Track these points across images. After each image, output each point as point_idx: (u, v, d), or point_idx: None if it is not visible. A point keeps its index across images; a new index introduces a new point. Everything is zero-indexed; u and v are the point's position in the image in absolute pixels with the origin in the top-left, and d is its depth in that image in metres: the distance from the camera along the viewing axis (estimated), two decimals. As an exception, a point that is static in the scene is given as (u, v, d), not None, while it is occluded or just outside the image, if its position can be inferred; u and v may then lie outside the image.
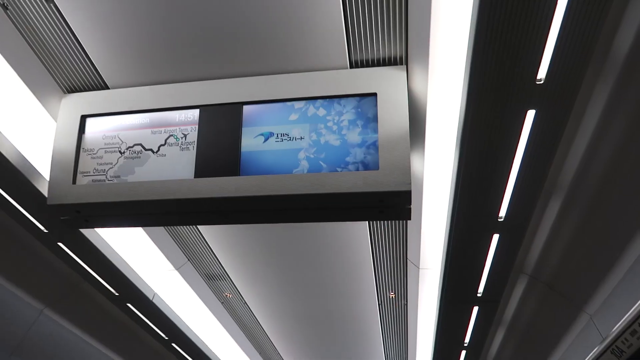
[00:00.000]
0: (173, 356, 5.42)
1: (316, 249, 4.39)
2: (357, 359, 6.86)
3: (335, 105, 2.48)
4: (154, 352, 5.28)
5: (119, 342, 4.89)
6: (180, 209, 2.55)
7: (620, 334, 1.59)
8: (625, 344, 1.58)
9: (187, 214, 2.62)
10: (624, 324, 1.58)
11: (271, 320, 5.78)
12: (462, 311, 3.97)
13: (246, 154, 2.48)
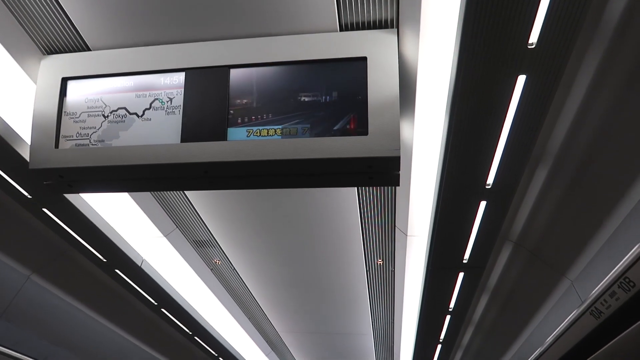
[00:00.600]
0: (163, 321, 5.48)
1: (305, 216, 4.40)
2: (344, 324, 7.02)
3: (324, 70, 2.43)
4: (144, 317, 5.34)
5: (108, 307, 4.92)
6: (166, 174, 2.51)
7: (600, 295, 1.63)
8: (604, 305, 1.61)
9: (173, 179, 2.58)
10: (604, 286, 1.61)
11: (260, 286, 5.85)
12: (447, 277, 4.04)
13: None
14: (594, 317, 1.69)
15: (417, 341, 5.80)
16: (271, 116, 2.41)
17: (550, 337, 2.19)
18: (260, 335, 7.39)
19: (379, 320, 6.53)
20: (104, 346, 5.19)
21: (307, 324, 7.12)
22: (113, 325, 5.19)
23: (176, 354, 6.52)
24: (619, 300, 1.53)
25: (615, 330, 1.63)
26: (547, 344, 2.24)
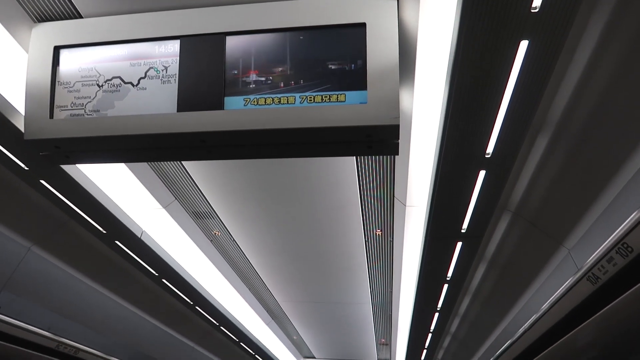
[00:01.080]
0: (164, 292, 5.55)
1: (304, 188, 4.40)
2: (343, 293, 7.12)
3: (321, 36, 2.38)
4: (145, 288, 5.40)
5: (109, 279, 4.97)
6: (163, 144, 2.49)
7: (597, 261, 1.64)
8: (601, 270, 1.62)
9: (170, 149, 2.56)
10: (602, 252, 1.62)
11: (260, 257, 5.91)
12: (446, 246, 4.07)
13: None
14: (591, 283, 1.71)
15: (415, 309, 5.91)
16: (268, 85, 2.37)
17: (545, 303, 2.22)
18: (260, 305, 7.52)
19: (378, 290, 6.63)
20: (107, 316, 5.27)
21: (307, 293, 7.23)
22: (115, 295, 5.26)
23: (178, 324, 6.64)
24: (616, 266, 1.54)
25: (611, 296, 1.65)
26: (543, 310, 2.27)
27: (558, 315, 2.08)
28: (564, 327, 2.11)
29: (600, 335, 1.86)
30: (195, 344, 7.35)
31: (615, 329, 1.73)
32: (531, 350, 2.57)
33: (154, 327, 6.14)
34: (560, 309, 2.03)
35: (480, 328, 5.98)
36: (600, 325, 1.78)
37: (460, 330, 6.69)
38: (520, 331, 2.64)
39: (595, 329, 1.84)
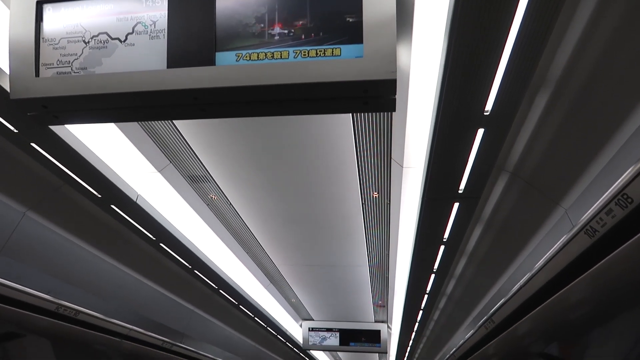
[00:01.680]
0: (163, 256, 5.58)
1: (300, 150, 4.35)
2: (340, 256, 7.19)
3: (316, -13, 2.27)
4: (144, 252, 5.42)
5: (107, 243, 4.97)
6: (154, 102, 2.42)
7: (596, 214, 1.61)
8: (600, 223, 1.60)
9: (162, 107, 2.49)
10: (601, 204, 1.60)
11: (257, 221, 5.92)
12: (442, 208, 4.06)
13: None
14: (588, 236, 1.69)
15: (412, 271, 5.97)
16: (261, 39, 2.29)
17: (541, 259, 2.21)
18: (258, 269, 7.60)
19: (375, 252, 6.69)
20: (106, 281, 5.31)
21: (304, 257, 7.29)
22: (114, 260, 5.28)
23: (178, 288, 6.71)
24: (614, 218, 1.52)
25: (608, 249, 1.63)
26: (539, 265, 2.27)
27: (554, 270, 2.08)
28: (560, 282, 2.12)
29: (597, 289, 1.86)
30: (195, 307, 7.46)
31: (612, 282, 1.72)
32: (527, 306, 2.59)
33: (153, 291, 6.21)
34: (556, 263, 2.03)
35: (476, 289, 6.07)
36: (598, 279, 1.78)
37: (456, 291, 6.81)
38: (516, 288, 2.66)
39: (592, 283, 1.84)
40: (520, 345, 3.21)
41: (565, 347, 3.03)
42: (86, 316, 3.98)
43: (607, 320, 2.23)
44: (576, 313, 2.23)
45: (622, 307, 1.99)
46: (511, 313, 2.87)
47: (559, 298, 2.21)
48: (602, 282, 1.82)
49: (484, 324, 3.55)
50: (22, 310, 3.42)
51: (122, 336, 4.52)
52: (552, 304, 2.27)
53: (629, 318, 2.10)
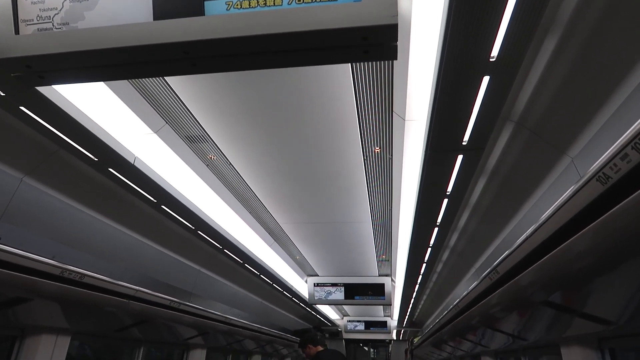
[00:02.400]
0: (165, 218, 5.57)
1: (299, 105, 4.23)
2: (343, 212, 7.20)
3: None
4: (146, 214, 5.41)
5: (108, 206, 4.95)
6: (141, 58, 2.29)
7: (610, 159, 1.53)
8: (614, 169, 1.53)
9: (151, 63, 2.36)
10: (616, 149, 1.51)
11: (258, 180, 5.87)
12: (446, 160, 3.99)
13: (210, -11, 2.16)
14: (601, 183, 1.62)
15: (415, 225, 5.98)
16: (252, -15, 2.14)
17: (550, 208, 2.16)
18: (262, 228, 7.64)
19: (377, 207, 6.68)
20: (110, 243, 5.33)
21: (307, 214, 7.30)
22: (116, 223, 5.28)
23: (182, 248, 6.76)
24: (630, 163, 1.44)
25: (621, 195, 1.56)
26: (547, 215, 2.21)
27: (562, 220, 2.02)
28: (568, 231, 2.06)
29: (606, 238, 1.81)
30: (201, 267, 7.55)
31: (623, 230, 1.67)
32: (532, 256, 2.56)
33: (158, 252, 6.26)
34: (565, 212, 1.97)
35: (479, 240, 6.09)
36: (608, 228, 1.72)
37: (459, 244, 6.84)
38: (522, 238, 2.62)
39: (601, 232, 1.78)
40: (523, 294, 3.22)
41: (569, 295, 3.03)
42: (92, 279, 3.99)
43: (613, 269, 2.20)
44: (583, 262, 2.19)
45: (631, 255, 1.95)
46: (516, 264, 2.85)
47: (566, 247, 2.17)
48: (612, 231, 1.76)
49: (489, 275, 3.55)
50: (27, 276, 3.42)
51: (129, 297, 4.57)
52: (559, 253, 2.23)
53: (635, 266, 2.07)
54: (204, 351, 8.38)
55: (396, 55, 2.20)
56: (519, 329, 4.57)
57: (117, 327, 5.57)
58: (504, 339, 5.58)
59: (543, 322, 3.90)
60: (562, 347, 4.27)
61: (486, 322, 4.96)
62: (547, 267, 2.51)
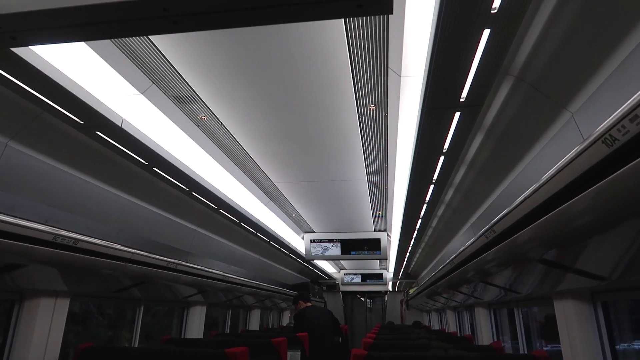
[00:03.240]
0: (158, 180, 5.50)
1: (291, 62, 4.07)
2: (339, 171, 7.14)
3: None
4: (138, 176, 5.33)
5: (98, 169, 4.85)
6: (118, 15, 2.14)
7: (618, 121, 1.45)
8: (622, 131, 1.45)
9: (127, 21, 2.21)
10: (625, 109, 1.43)
11: (251, 140, 5.76)
12: (443, 118, 3.88)
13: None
14: (606, 145, 1.55)
15: (411, 183, 5.94)
16: None
17: (551, 170, 2.09)
18: (257, 187, 7.59)
19: (373, 165, 6.62)
20: (104, 206, 5.28)
21: (302, 173, 7.25)
22: (108, 186, 5.20)
23: (177, 209, 6.74)
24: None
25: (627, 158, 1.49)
26: (547, 176, 2.15)
27: (563, 181, 1.96)
28: (569, 193, 2.01)
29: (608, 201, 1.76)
30: (198, 227, 7.57)
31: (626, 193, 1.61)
32: (531, 216, 2.53)
33: (153, 214, 6.23)
34: (566, 174, 1.91)
35: (475, 196, 6.09)
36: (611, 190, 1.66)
37: (454, 200, 6.85)
38: (521, 198, 2.58)
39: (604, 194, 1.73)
40: (519, 252, 3.23)
41: (564, 253, 3.04)
42: (86, 244, 3.97)
43: (611, 228, 2.18)
44: (581, 222, 2.16)
45: (631, 216, 1.91)
46: (514, 223, 2.83)
47: (566, 208, 2.13)
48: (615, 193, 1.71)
49: (485, 233, 3.54)
50: (20, 243, 3.38)
51: (125, 260, 4.57)
52: (558, 213, 2.19)
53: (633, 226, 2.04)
54: (204, 308, 8.56)
55: (392, 9, 2.06)
56: (513, 283, 4.64)
57: (116, 289, 5.63)
58: (498, 292, 5.69)
59: (537, 277, 3.95)
60: (555, 300, 4.35)
61: (481, 276, 5.03)
62: (545, 226, 2.49)
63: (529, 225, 2.66)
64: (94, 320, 8.89)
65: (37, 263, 3.80)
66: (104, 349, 4.52)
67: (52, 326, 4.68)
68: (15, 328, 4.53)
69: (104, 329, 9.33)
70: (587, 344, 4.01)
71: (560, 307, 4.32)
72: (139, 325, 7.00)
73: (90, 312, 8.81)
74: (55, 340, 4.73)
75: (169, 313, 9.23)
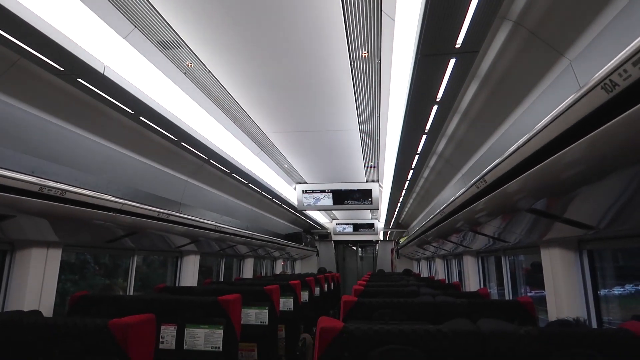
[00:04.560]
0: (146, 130, 5.38)
1: (282, 7, 3.87)
2: (330, 120, 7.04)
3: None
4: (124, 126, 5.21)
5: (84, 118, 4.72)
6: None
7: (620, 64, 1.38)
8: (623, 75, 1.38)
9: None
10: (628, 53, 1.36)
11: (241, 88, 5.61)
12: (437, 65, 3.76)
13: None
14: (605, 91, 1.49)
15: (403, 133, 5.87)
16: None
17: (546, 118, 2.04)
18: (248, 137, 7.49)
19: (365, 115, 6.51)
20: (91, 156, 5.19)
21: (293, 123, 7.14)
22: (95, 136, 5.09)
23: (167, 160, 6.66)
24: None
25: (627, 104, 1.44)
26: (542, 124, 2.10)
27: (559, 129, 1.92)
28: (563, 141, 1.97)
29: (602, 149, 1.72)
30: (189, 178, 7.53)
31: (625, 141, 1.57)
32: (523, 165, 2.50)
33: (143, 165, 6.16)
34: (562, 121, 1.86)
35: (468, 147, 6.06)
36: (609, 137, 1.62)
37: (447, 150, 6.82)
38: (514, 147, 2.54)
39: (602, 141, 1.69)
40: (509, 202, 3.24)
41: (554, 203, 3.05)
42: (74, 194, 3.91)
43: (604, 178, 2.16)
44: (575, 171, 2.13)
45: (626, 166, 1.88)
46: (505, 173, 2.81)
47: (560, 157, 2.09)
48: (611, 141, 1.68)
49: (476, 183, 3.53)
50: (4, 194, 3.32)
51: (115, 210, 4.54)
52: (551, 162, 2.16)
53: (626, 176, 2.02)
54: (197, 257, 8.68)
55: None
56: (502, 232, 4.71)
57: (108, 239, 5.65)
58: (486, 240, 5.79)
59: (526, 226, 3.99)
60: (542, 249, 4.43)
61: (470, 226, 5.09)
62: (537, 176, 2.47)
63: (521, 174, 2.64)
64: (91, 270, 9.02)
65: (25, 214, 3.76)
66: (98, 297, 4.59)
67: (45, 275, 4.72)
68: (8, 278, 4.56)
69: (100, 277, 9.48)
70: (571, 290, 4.12)
71: (547, 255, 4.40)
72: (133, 274, 7.10)
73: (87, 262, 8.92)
74: (49, 288, 4.78)
75: (164, 263, 9.37)
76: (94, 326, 2.80)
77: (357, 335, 2.31)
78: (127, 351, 2.73)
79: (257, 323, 5.50)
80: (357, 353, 2.28)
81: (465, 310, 3.79)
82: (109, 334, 2.75)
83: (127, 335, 2.74)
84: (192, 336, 4.01)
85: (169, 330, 4.06)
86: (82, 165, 5.14)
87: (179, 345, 4.01)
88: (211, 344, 3.95)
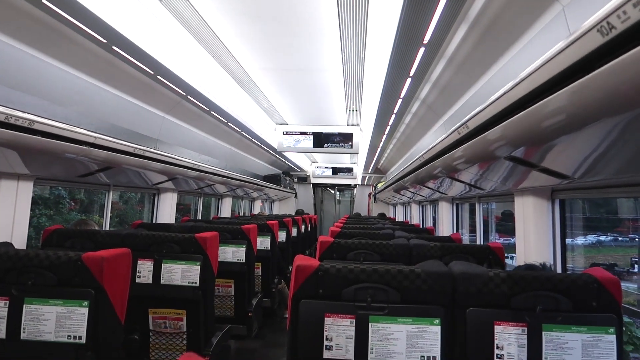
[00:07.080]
0: (120, 61, 5.12)
1: None
2: (313, 59, 6.82)
3: None
4: (98, 56, 4.92)
5: (52, 46, 4.42)
6: None
7: (619, 6, 1.32)
8: (621, 18, 1.32)
9: None
10: (629, -8, 1.29)
11: (220, 20, 5.32)
12: (426, 6, 3.62)
13: None
14: (600, 34, 1.43)
15: (387, 76, 5.76)
16: None
17: (536, 62, 1.98)
18: (227, 74, 7.24)
19: (349, 56, 6.31)
20: (62, 87, 4.93)
21: (274, 60, 6.89)
22: (66, 66, 4.80)
23: (144, 94, 6.40)
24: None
25: (622, 48, 1.39)
26: (531, 69, 2.05)
27: (547, 74, 1.87)
28: (550, 88, 1.93)
29: (589, 96, 1.69)
30: (166, 114, 7.30)
31: (613, 87, 1.54)
32: (508, 111, 2.47)
33: (118, 98, 5.91)
34: (552, 66, 1.81)
35: (451, 93, 5.99)
36: (596, 84, 1.58)
37: (430, 96, 6.74)
38: (500, 92, 2.50)
39: (586, 89, 1.65)
40: (489, 149, 3.24)
41: (533, 151, 3.06)
42: (43, 125, 3.75)
43: (586, 127, 2.14)
44: (559, 119, 2.11)
45: (611, 114, 1.86)
46: (489, 119, 2.78)
47: (543, 105, 2.07)
48: (597, 89, 1.64)
49: (458, 128, 3.51)
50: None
51: (88, 144, 4.39)
52: (534, 110, 2.13)
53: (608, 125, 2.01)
54: (175, 194, 8.63)
55: None
56: (478, 180, 4.77)
57: (81, 173, 5.52)
58: (463, 187, 5.89)
59: (503, 174, 4.04)
60: (517, 196, 4.52)
61: (448, 172, 5.14)
62: (520, 123, 2.45)
63: (504, 121, 2.61)
64: (66, 205, 8.89)
65: (-8, 145, 3.60)
66: (73, 232, 4.54)
67: (16, 208, 4.62)
68: (-24, 209, 4.46)
69: (76, 213, 9.38)
70: (541, 237, 4.27)
71: (520, 202, 4.51)
72: (109, 210, 7.04)
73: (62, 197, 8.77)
74: (21, 220, 4.71)
75: (142, 201, 9.30)
76: (67, 259, 2.77)
77: (332, 273, 2.35)
78: (103, 283, 2.73)
79: (234, 260, 5.59)
80: (331, 290, 2.33)
81: (438, 253, 3.89)
82: (83, 267, 2.73)
83: (102, 268, 2.73)
84: (169, 271, 4.04)
85: (145, 265, 4.08)
86: (51, 96, 4.89)
87: (156, 280, 4.05)
88: (188, 279, 4.01)
